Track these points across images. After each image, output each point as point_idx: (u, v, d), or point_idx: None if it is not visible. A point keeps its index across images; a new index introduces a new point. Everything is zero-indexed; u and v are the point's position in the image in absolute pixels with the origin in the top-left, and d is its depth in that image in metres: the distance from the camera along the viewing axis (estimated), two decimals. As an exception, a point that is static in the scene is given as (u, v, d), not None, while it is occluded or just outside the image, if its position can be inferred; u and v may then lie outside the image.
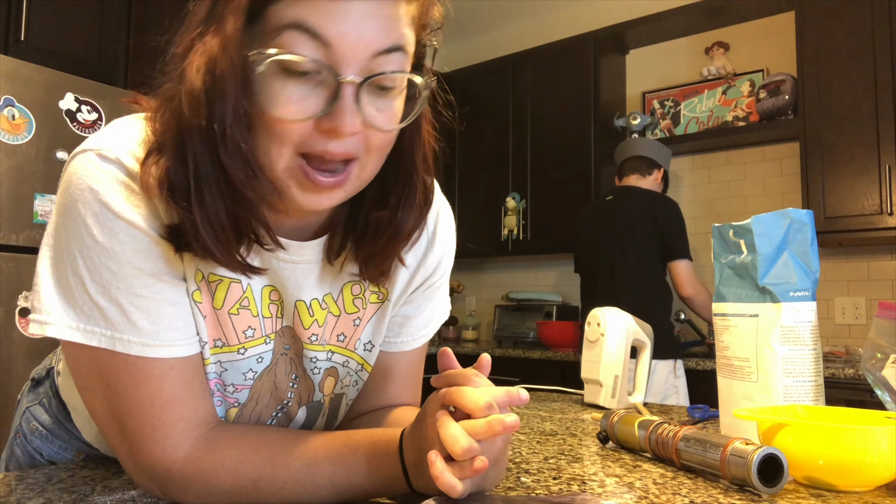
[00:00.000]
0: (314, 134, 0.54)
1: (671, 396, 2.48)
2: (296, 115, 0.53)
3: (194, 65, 0.54)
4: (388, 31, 0.54)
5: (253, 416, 0.71)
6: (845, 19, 2.70)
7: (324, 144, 0.55)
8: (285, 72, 0.53)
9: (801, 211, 0.90)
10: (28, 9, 2.39)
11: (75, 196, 0.57)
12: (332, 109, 0.53)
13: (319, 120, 0.54)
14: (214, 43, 0.53)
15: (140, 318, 0.58)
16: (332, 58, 0.53)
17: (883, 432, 0.65)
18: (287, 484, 0.60)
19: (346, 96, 0.53)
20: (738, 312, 0.92)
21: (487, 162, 3.87)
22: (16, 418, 0.87)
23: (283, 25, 0.52)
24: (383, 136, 0.58)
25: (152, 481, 0.61)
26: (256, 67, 0.52)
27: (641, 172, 2.82)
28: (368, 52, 0.53)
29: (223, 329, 0.65)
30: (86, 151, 0.58)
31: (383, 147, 0.59)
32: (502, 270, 4.14)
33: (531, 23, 4.06)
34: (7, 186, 2.09)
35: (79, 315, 0.57)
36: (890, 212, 2.57)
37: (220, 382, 0.67)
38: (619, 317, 1.31)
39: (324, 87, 0.54)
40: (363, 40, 0.53)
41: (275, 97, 0.53)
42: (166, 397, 0.59)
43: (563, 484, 0.71)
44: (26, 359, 2.12)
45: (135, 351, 0.58)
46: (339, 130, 0.53)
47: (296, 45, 0.52)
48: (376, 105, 0.56)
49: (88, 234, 0.56)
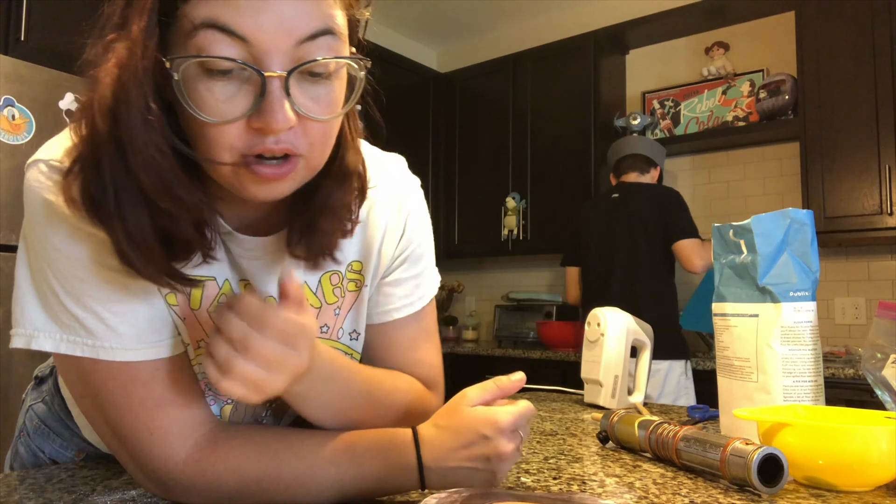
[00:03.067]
0: (248, 133, 0.52)
1: (682, 397, 2.47)
2: (224, 116, 0.51)
3: (104, 72, 0.51)
4: (310, 15, 0.51)
5: (248, 412, 0.71)
6: (845, 19, 2.70)
7: (261, 143, 0.52)
8: (207, 73, 0.50)
9: (801, 211, 0.90)
10: (28, 9, 2.38)
11: (34, 209, 0.57)
12: (261, 107, 0.50)
13: (250, 119, 0.51)
14: (122, 48, 0.50)
15: (118, 324, 0.58)
16: (253, 52, 0.50)
17: (883, 432, 0.65)
18: (292, 485, 0.59)
19: (272, 91, 0.50)
20: (738, 312, 0.92)
21: (487, 162, 3.87)
22: (20, 416, 0.88)
23: (197, 25, 0.49)
24: (323, 126, 0.55)
25: (156, 484, 0.61)
26: (174, 73, 0.50)
27: (641, 170, 2.79)
28: (291, 41, 0.50)
29: (205, 329, 0.64)
30: (36, 162, 0.58)
31: (326, 137, 0.56)
32: (502, 270, 4.14)
33: (531, 23, 4.06)
34: (7, 186, 2.09)
35: (60, 326, 0.57)
36: (890, 212, 2.57)
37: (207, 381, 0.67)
38: (619, 317, 1.31)
39: (250, 83, 0.51)
40: (283, 30, 0.50)
41: (200, 100, 0.50)
42: (156, 400, 0.59)
43: (563, 484, 0.71)
44: (26, 359, 2.12)
45: (118, 357, 0.58)
46: (270, 128, 0.51)
47: (213, 43, 0.49)
48: (310, 94, 0.53)
49: (52, 246, 0.56)
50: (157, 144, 0.51)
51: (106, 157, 0.51)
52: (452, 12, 3.94)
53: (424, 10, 3.92)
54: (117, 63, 0.50)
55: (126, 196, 0.51)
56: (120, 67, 0.50)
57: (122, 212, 0.51)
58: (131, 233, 0.52)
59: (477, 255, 3.93)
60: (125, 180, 0.51)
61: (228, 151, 0.52)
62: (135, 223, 0.52)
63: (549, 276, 3.93)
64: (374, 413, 0.68)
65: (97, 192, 0.52)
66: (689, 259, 2.50)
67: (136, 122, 0.50)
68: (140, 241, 0.52)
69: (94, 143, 0.51)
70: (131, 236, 0.52)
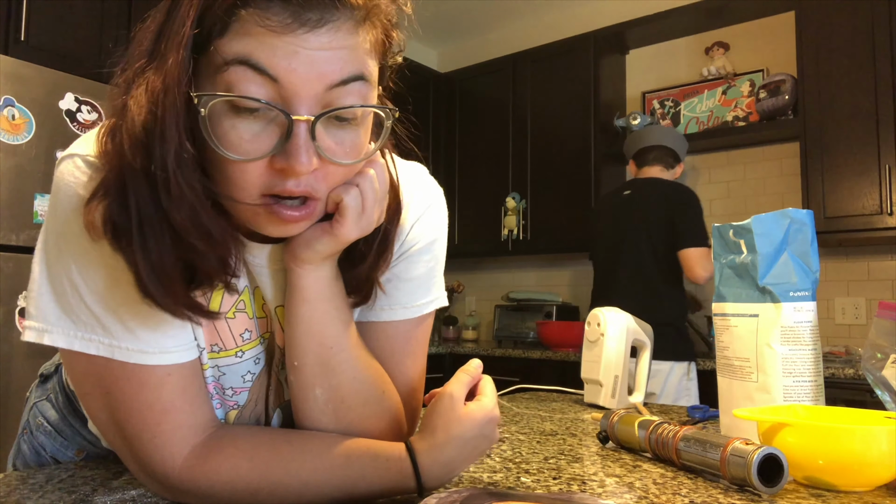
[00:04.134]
0: (270, 172, 0.52)
1: (682, 398, 2.44)
2: (248, 154, 0.51)
3: (136, 101, 0.51)
4: (344, 61, 0.51)
5: (253, 417, 0.71)
6: (845, 19, 2.70)
7: (282, 184, 0.52)
8: (234, 110, 0.50)
9: (801, 211, 0.90)
10: (28, 9, 2.38)
11: (65, 203, 0.56)
12: (285, 148, 0.51)
13: (273, 158, 0.51)
14: (156, 80, 0.50)
15: (138, 326, 0.57)
16: (282, 93, 0.50)
17: (883, 432, 0.65)
18: (287, 499, 0.59)
19: (298, 134, 0.50)
20: (738, 312, 0.92)
21: (487, 162, 3.87)
22: (24, 414, 0.88)
23: (229, 61, 0.49)
24: (344, 170, 0.55)
25: (156, 484, 0.61)
26: (201, 109, 0.49)
27: (666, 165, 2.67)
28: (321, 86, 0.50)
29: (220, 334, 0.65)
30: (72, 156, 0.57)
31: (345, 180, 0.57)
32: (502, 270, 4.14)
33: (531, 23, 4.06)
34: (7, 186, 2.09)
35: (76, 323, 0.57)
36: (890, 212, 2.57)
37: (218, 386, 0.67)
38: (619, 317, 1.31)
39: (275, 123, 0.51)
40: (315, 74, 0.50)
41: (224, 137, 0.50)
42: (164, 404, 0.59)
43: (563, 484, 0.71)
44: (26, 359, 2.12)
45: (133, 359, 0.58)
46: (294, 170, 0.51)
47: (243, 81, 0.49)
48: (335, 137, 0.54)
49: (80, 243, 0.56)
50: (189, 181, 0.51)
51: (133, 188, 0.51)
52: (452, 12, 3.94)
53: (424, 10, 3.91)
54: (151, 95, 0.50)
55: (151, 229, 0.51)
56: (154, 100, 0.50)
57: (147, 244, 0.51)
58: (154, 265, 0.52)
59: (477, 255, 3.92)
60: (152, 213, 0.51)
61: (248, 189, 0.52)
62: (158, 256, 0.51)
63: (549, 276, 3.93)
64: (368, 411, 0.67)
65: (121, 221, 0.51)
66: (692, 269, 2.42)
67: (170, 160, 0.50)
68: (161, 273, 0.52)
69: (122, 172, 0.51)
70: (153, 268, 0.52)
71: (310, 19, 0.49)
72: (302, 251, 0.60)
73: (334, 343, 0.63)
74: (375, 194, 0.59)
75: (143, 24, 0.55)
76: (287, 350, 0.64)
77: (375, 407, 0.67)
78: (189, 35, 0.49)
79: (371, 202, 0.58)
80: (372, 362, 0.68)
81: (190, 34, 0.49)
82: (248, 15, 0.48)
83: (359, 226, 0.58)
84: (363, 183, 0.58)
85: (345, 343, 0.64)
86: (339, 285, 0.64)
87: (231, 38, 0.49)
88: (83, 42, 2.57)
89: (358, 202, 0.57)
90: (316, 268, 0.61)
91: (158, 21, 0.53)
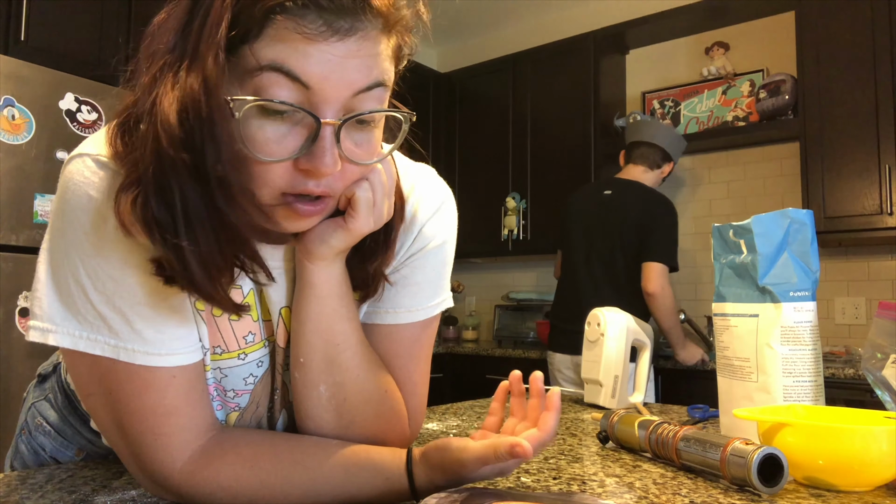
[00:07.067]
0: (293, 172, 0.54)
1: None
2: (274, 155, 0.52)
3: (169, 100, 0.50)
4: (369, 69, 0.53)
5: (254, 419, 0.71)
6: (845, 19, 2.70)
7: (303, 184, 0.54)
8: (263, 112, 0.52)
9: (801, 211, 0.90)
10: (28, 9, 2.38)
11: (73, 203, 0.56)
12: (311, 150, 0.52)
13: (298, 160, 0.53)
14: (193, 81, 0.50)
15: (144, 328, 0.57)
16: (311, 98, 0.51)
17: (883, 432, 0.65)
18: None
19: (325, 137, 0.52)
20: (738, 312, 0.92)
21: (487, 162, 3.87)
22: (22, 414, 0.88)
23: (263, 66, 0.50)
24: (361, 170, 0.57)
25: (156, 486, 0.61)
26: (235, 112, 0.50)
27: (650, 164, 2.67)
28: (349, 92, 0.52)
29: (223, 336, 0.65)
30: (82, 156, 0.57)
31: (358, 178, 0.59)
32: (502, 270, 4.14)
33: (531, 23, 4.06)
34: (7, 186, 2.09)
35: (81, 323, 0.57)
36: (890, 212, 2.57)
37: (219, 388, 0.67)
38: (619, 317, 1.31)
39: (302, 126, 0.53)
40: (344, 82, 0.52)
41: (252, 137, 0.52)
42: (168, 407, 0.59)
43: (563, 484, 0.71)
44: (26, 359, 2.12)
45: (138, 360, 0.58)
46: (318, 171, 0.53)
47: (274, 86, 0.50)
48: (354, 139, 0.56)
49: (89, 243, 0.56)
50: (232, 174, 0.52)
51: (177, 183, 0.50)
52: (452, 12, 3.93)
53: (424, 10, 3.91)
54: (191, 97, 0.50)
55: (200, 222, 0.51)
56: (197, 103, 0.50)
57: (194, 236, 0.51)
58: (202, 256, 0.52)
59: (477, 254, 3.92)
60: (201, 206, 0.51)
61: (270, 188, 0.54)
62: (206, 247, 0.52)
63: (550, 276, 3.92)
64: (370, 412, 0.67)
65: (163, 217, 0.51)
66: (648, 281, 2.44)
67: (222, 156, 0.50)
68: (211, 263, 0.53)
69: (162, 169, 0.50)
70: (202, 260, 0.52)
71: (342, 27, 0.50)
72: (316, 247, 0.61)
73: (342, 340, 0.64)
74: (384, 187, 0.60)
75: (160, 19, 0.55)
76: (293, 347, 0.65)
77: (377, 406, 0.67)
78: (226, 37, 0.50)
79: (381, 195, 0.60)
80: (376, 361, 0.68)
81: (227, 35, 0.50)
82: (283, 21, 0.49)
83: (371, 218, 0.60)
84: (372, 176, 0.59)
85: (352, 340, 0.65)
86: (348, 283, 0.65)
87: (266, 44, 0.50)
88: (83, 42, 2.57)
89: (369, 195, 0.59)
90: (328, 264, 0.62)
91: (179, 18, 0.53)
